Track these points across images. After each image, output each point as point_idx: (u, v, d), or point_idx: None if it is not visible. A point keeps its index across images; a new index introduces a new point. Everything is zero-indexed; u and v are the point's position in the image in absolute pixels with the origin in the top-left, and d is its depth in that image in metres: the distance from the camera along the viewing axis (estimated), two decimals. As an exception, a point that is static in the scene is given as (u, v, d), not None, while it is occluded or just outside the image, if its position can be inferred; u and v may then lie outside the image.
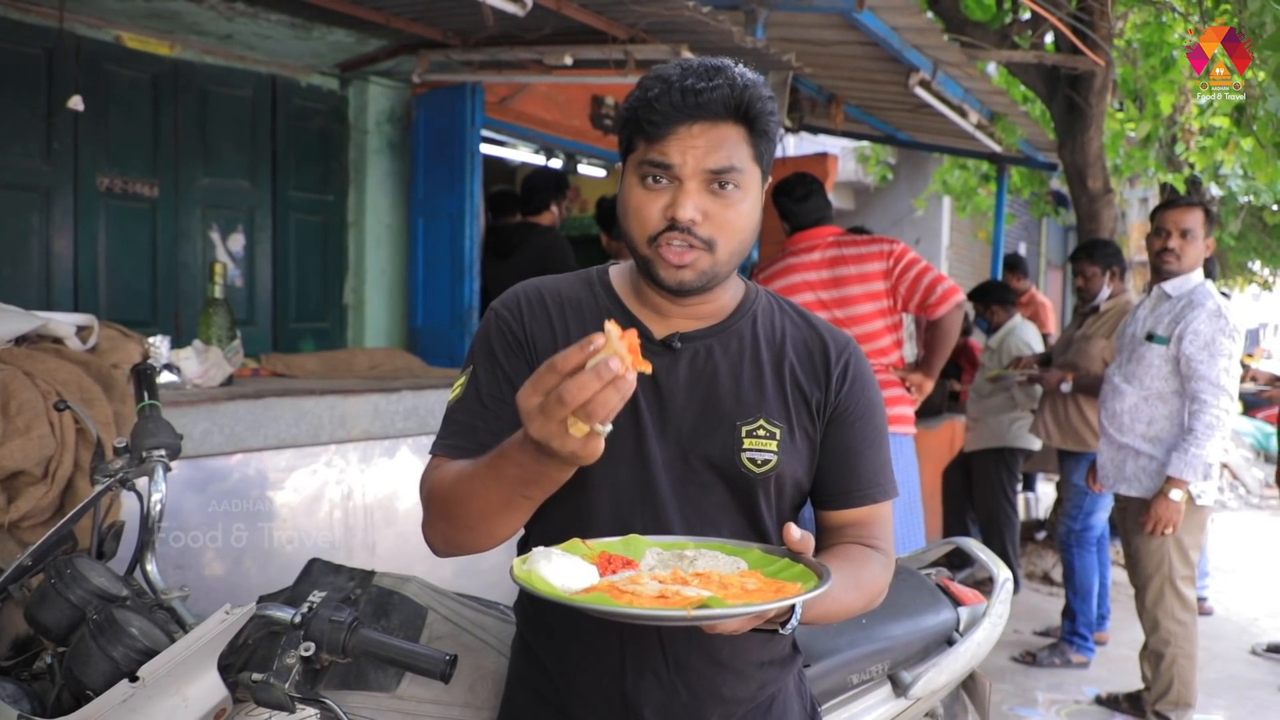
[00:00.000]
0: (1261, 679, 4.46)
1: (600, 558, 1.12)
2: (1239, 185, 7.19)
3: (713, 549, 1.17)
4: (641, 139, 1.22)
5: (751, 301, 1.38)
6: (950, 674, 1.90)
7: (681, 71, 1.21)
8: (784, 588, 1.05)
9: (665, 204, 1.21)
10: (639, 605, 0.98)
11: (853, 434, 1.35)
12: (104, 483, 1.60)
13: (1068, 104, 5.90)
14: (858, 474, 1.35)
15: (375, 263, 4.95)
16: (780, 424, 1.30)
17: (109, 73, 4.04)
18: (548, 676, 1.37)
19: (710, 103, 1.19)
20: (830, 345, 1.37)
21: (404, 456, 3.12)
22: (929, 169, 9.66)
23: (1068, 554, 4.58)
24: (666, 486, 1.28)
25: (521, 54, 4.04)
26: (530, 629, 1.41)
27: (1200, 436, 3.36)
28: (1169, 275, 3.61)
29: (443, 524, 1.23)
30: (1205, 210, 3.60)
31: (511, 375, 1.30)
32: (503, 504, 1.13)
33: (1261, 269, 14.51)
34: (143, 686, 1.27)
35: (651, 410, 1.29)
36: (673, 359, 1.31)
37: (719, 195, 1.21)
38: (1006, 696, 4.10)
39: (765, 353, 1.34)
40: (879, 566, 1.32)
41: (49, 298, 3.92)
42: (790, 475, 1.31)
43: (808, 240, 3.84)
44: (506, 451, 1.08)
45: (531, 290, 1.37)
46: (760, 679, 1.37)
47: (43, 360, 2.24)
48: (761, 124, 1.23)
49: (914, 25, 4.30)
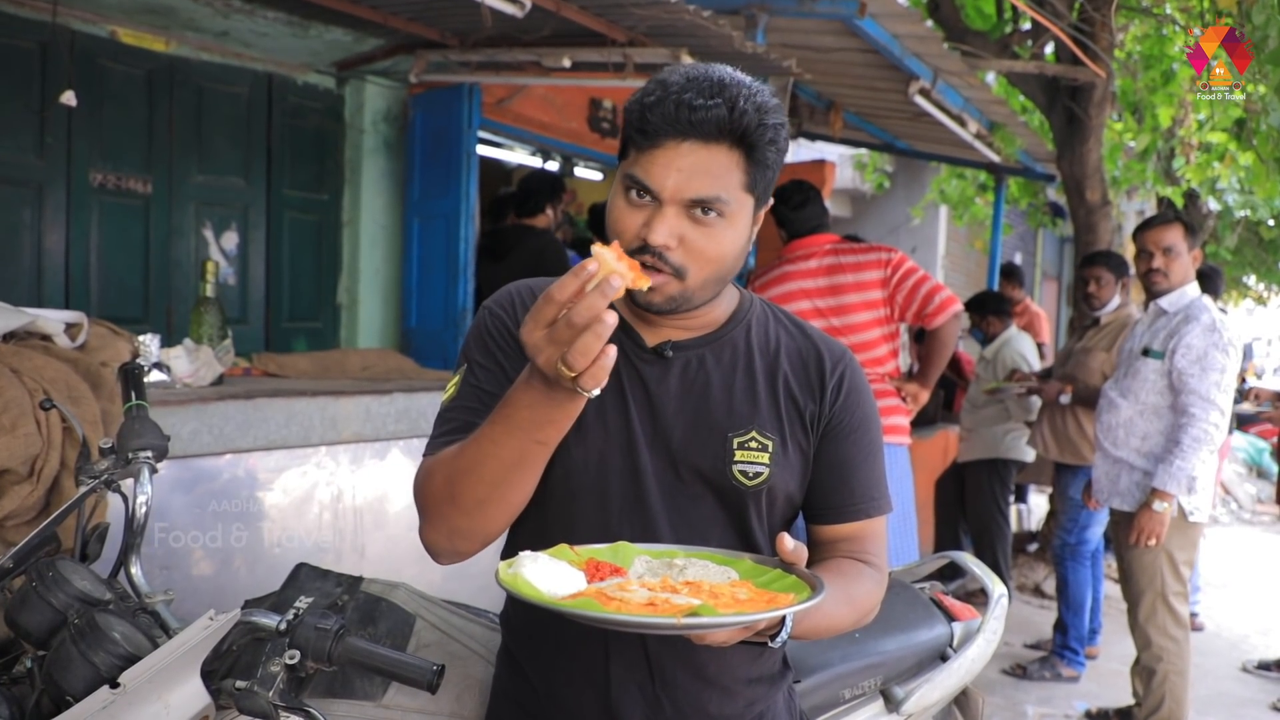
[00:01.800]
0: (1252, 696, 4.45)
1: (588, 564, 1.10)
2: (1236, 200, 7.21)
3: (703, 558, 1.14)
4: (633, 146, 1.18)
5: (746, 311, 1.35)
6: (943, 690, 1.89)
7: (684, 82, 1.14)
8: (776, 598, 1.02)
9: (642, 222, 1.16)
10: (627, 612, 0.95)
11: (847, 447, 1.32)
12: (89, 484, 1.57)
13: (1067, 115, 5.90)
14: (851, 488, 1.32)
15: (369, 263, 4.93)
16: (773, 436, 1.27)
17: (103, 68, 4.01)
18: (531, 688, 1.35)
19: (704, 122, 1.12)
20: (826, 356, 1.34)
21: (395, 459, 3.10)
22: (926, 178, 9.67)
23: (1062, 567, 4.56)
24: (657, 497, 1.26)
25: (519, 55, 4.01)
26: (515, 639, 1.39)
27: (1186, 449, 3.35)
28: (1160, 293, 3.61)
29: (447, 509, 1.17)
30: (1184, 224, 3.61)
31: (509, 369, 1.26)
32: (516, 458, 1.10)
33: (1257, 284, 14.57)
34: (124, 693, 1.25)
35: (643, 420, 1.26)
36: (664, 368, 1.28)
37: (699, 222, 1.16)
38: (996, 709, 4.09)
39: (759, 363, 1.31)
40: (871, 583, 1.29)
41: (40, 293, 3.89)
42: (782, 488, 1.29)
43: (805, 248, 3.83)
44: (512, 399, 1.06)
45: (525, 289, 1.34)
46: (748, 696, 1.34)
47: (30, 357, 2.21)
48: (759, 154, 1.16)
49: (915, 33, 4.30)
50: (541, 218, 4.83)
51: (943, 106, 5.15)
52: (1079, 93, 5.76)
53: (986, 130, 5.88)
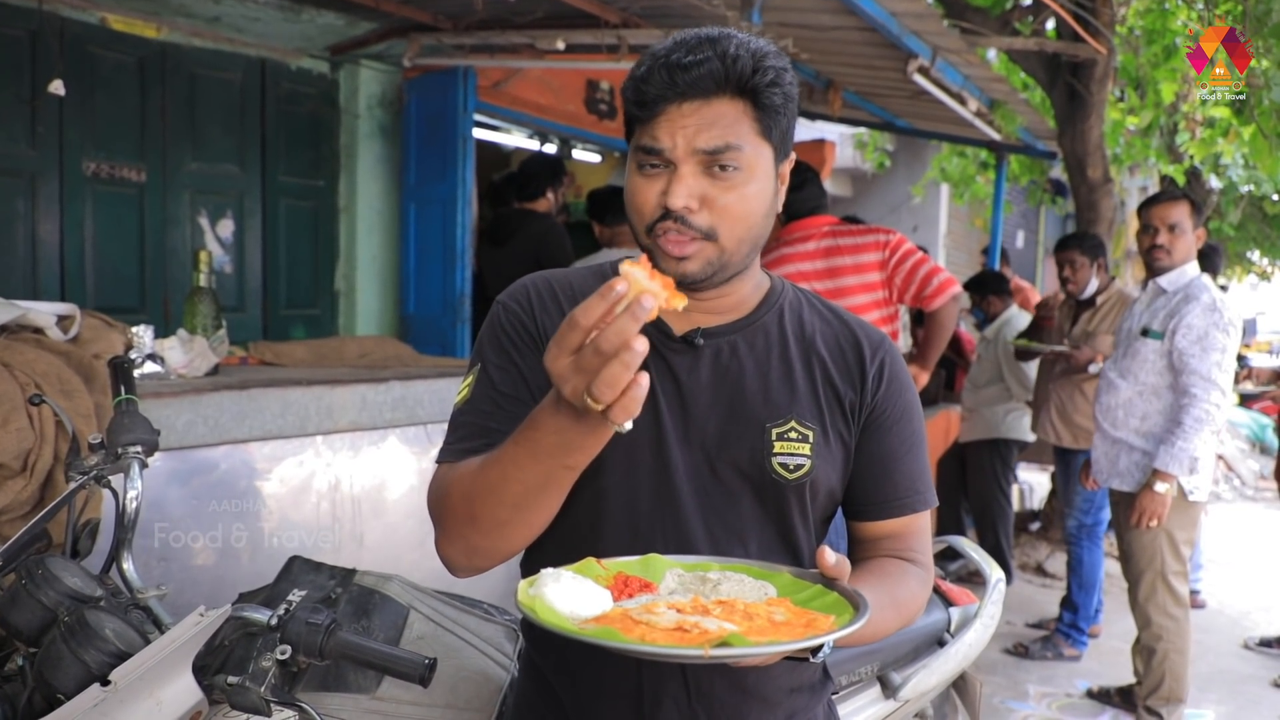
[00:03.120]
0: (1253, 673, 4.46)
1: (616, 579, 1.04)
2: (1239, 175, 7.17)
3: (739, 571, 1.07)
4: (636, 123, 1.15)
5: (778, 295, 1.28)
6: (940, 675, 1.88)
7: (672, 45, 1.12)
8: (814, 621, 0.95)
9: (660, 191, 1.12)
10: (652, 641, 0.89)
11: (890, 439, 1.25)
12: (79, 480, 1.57)
13: (1068, 92, 5.85)
14: (895, 482, 1.25)
15: (366, 249, 4.91)
16: (813, 426, 1.20)
17: (94, 55, 3.98)
18: (558, 702, 1.29)
19: (699, 79, 1.09)
20: (864, 343, 1.27)
21: (392, 447, 3.09)
22: (927, 156, 9.61)
23: (1076, 547, 4.56)
24: (689, 496, 1.18)
25: (514, 38, 3.99)
26: (538, 649, 1.32)
27: (1188, 430, 3.34)
28: (1161, 271, 3.60)
29: (466, 529, 1.11)
30: (1191, 202, 3.58)
31: (525, 369, 1.20)
32: (542, 481, 1.02)
33: (1261, 259, 14.51)
34: (115, 690, 1.24)
35: (673, 413, 1.19)
36: (694, 357, 1.21)
37: (718, 178, 1.11)
38: (998, 689, 4.10)
39: (794, 349, 1.24)
40: (917, 583, 1.23)
41: (35, 284, 3.88)
42: (824, 482, 1.22)
43: (803, 229, 3.81)
44: (538, 422, 0.98)
45: (541, 282, 1.27)
46: (789, 707, 1.27)
47: (21, 351, 2.20)
48: (764, 97, 1.11)
49: (913, 10, 4.24)
50: (543, 202, 4.80)
51: (942, 84, 5.10)
52: (1080, 69, 5.72)
53: (987, 108, 5.82)
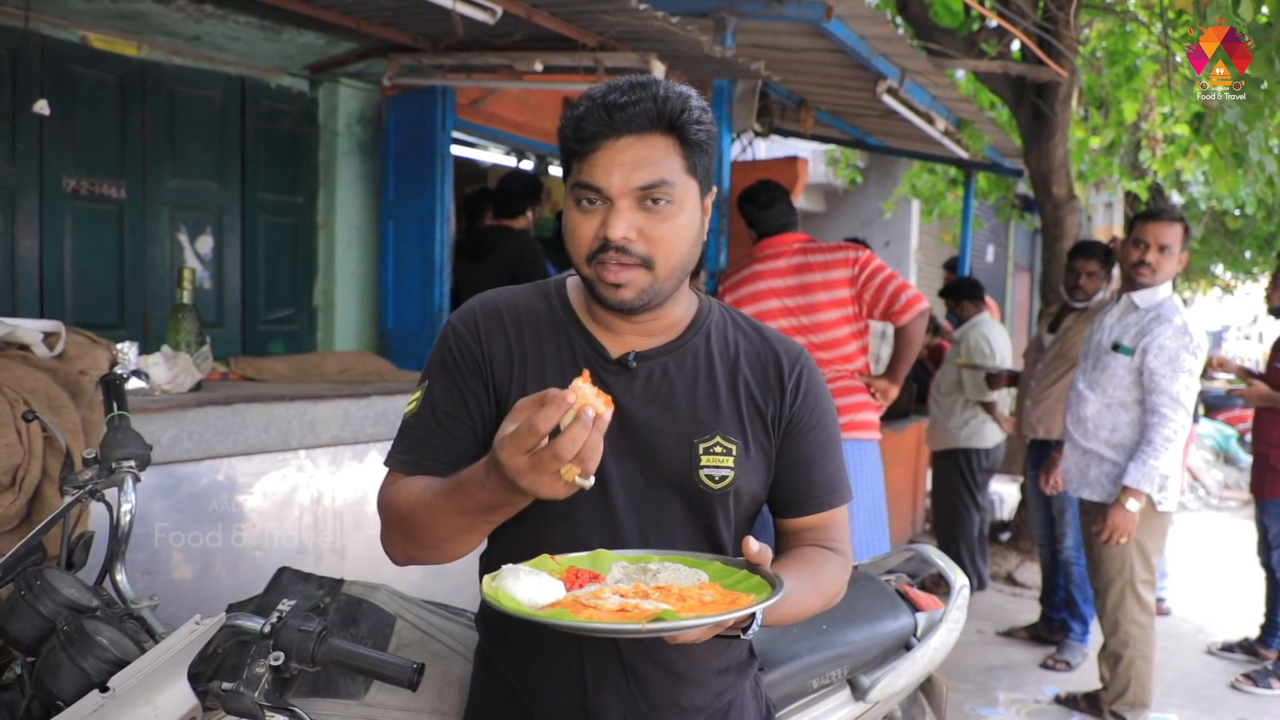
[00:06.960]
0: (1215, 678, 4.57)
1: (568, 572, 1.16)
2: (1200, 192, 7.34)
3: (675, 562, 1.21)
4: (575, 159, 1.25)
5: (705, 316, 1.40)
6: (908, 678, 1.95)
7: (606, 89, 1.24)
8: (738, 599, 1.09)
9: (598, 224, 1.23)
10: (598, 619, 1.03)
11: (808, 444, 1.39)
12: (73, 494, 1.61)
13: (1033, 111, 5.99)
14: (814, 482, 1.39)
15: (345, 265, 4.94)
16: (736, 440, 1.33)
17: (75, 73, 4.01)
18: (511, 689, 1.40)
19: (635, 116, 1.21)
20: (783, 358, 1.40)
21: (373, 461, 3.13)
22: (898, 172, 9.75)
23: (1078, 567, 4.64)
24: (624, 504, 1.31)
25: (492, 59, 4.05)
26: (492, 642, 1.44)
27: (1158, 448, 3.42)
28: (1142, 286, 3.62)
29: (403, 541, 1.29)
30: (1185, 226, 3.62)
31: (465, 393, 1.33)
32: (466, 529, 1.19)
33: (1224, 273, 14.79)
34: (113, 697, 1.28)
35: (610, 429, 1.31)
36: (629, 378, 1.33)
37: (652, 211, 1.23)
38: (968, 696, 4.18)
39: (720, 369, 1.37)
40: (836, 568, 1.37)
41: (14, 301, 3.88)
42: (747, 489, 1.35)
43: (773, 247, 3.88)
44: (467, 486, 1.12)
45: (489, 306, 1.38)
46: (717, 686, 1.40)
47: (9, 368, 2.23)
48: (690, 133, 1.24)
49: (881, 34, 4.36)
50: (522, 219, 4.87)
51: (910, 105, 5.22)
52: (1045, 89, 5.85)
53: (954, 127, 5.96)
